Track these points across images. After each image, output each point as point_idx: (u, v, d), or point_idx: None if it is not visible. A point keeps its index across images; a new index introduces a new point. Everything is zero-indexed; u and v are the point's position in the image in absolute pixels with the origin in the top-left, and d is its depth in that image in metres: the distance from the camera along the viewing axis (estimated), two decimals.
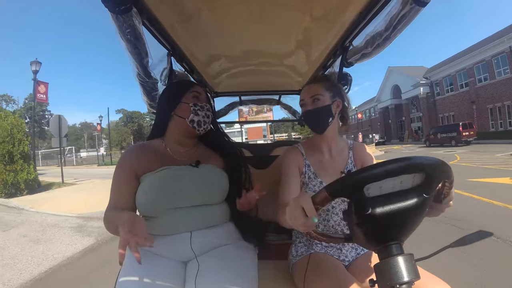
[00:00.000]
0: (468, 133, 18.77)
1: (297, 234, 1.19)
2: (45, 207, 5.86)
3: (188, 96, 1.08)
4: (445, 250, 0.61)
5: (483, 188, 5.40)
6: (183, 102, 1.07)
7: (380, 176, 0.56)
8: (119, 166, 1.03)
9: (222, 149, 1.16)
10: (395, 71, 33.80)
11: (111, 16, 0.84)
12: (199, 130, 1.07)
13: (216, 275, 0.85)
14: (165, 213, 0.96)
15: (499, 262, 2.39)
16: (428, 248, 0.70)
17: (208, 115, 1.08)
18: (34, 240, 3.85)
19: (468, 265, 2.39)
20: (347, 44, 1.34)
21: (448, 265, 2.25)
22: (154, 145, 1.09)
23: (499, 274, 2.23)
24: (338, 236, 0.70)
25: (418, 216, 0.61)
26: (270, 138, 43.26)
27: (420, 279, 0.56)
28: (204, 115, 1.07)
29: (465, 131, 18.71)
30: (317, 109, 1.09)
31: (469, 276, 2.21)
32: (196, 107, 1.06)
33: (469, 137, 18.75)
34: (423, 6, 0.87)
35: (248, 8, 1.09)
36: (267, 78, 2.00)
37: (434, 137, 21.32)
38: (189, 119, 1.05)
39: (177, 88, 1.13)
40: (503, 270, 2.26)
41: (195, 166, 1.04)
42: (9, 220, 5.01)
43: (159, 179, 0.98)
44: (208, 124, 1.09)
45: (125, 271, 0.86)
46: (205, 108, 1.08)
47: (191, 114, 1.05)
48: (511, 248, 2.69)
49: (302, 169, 1.14)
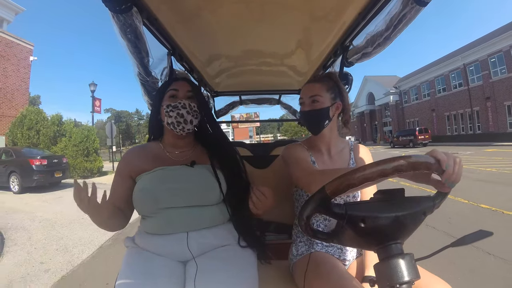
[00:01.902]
0: (424, 137, 22.02)
1: (297, 233, 1.15)
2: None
3: (166, 97, 1.03)
4: (445, 250, 0.60)
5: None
6: (162, 106, 1.03)
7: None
8: (118, 167, 1.04)
9: (219, 149, 1.10)
10: (370, 80, 37.14)
11: (111, 15, 0.84)
12: (177, 131, 1.01)
13: (216, 275, 0.84)
14: (160, 212, 0.94)
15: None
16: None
17: (181, 114, 0.99)
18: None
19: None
20: (348, 44, 1.32)
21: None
22: (152, 147, 1.08)
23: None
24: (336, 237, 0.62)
25: (419, 216, 0.59)
26: (256, 139, 45.46)
27: (420, 279, 0.54)
28: (176, 115, 0.99)
29: (421, 135, 22.02)
30: (314, 111, 1.06)
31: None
32: (168, 108, 1.00)
33: (424, 140, 21.99)
34: (424, 5, 0.86)
35: (248, 8, 1.08)
36: (267, 77, 1.98)
37: (397, 140, 24.43)
38: (165, 122, 1.02)
39: (159, 90, 1.08)
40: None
41: (190, 166, 1.01)
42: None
43: (153, 178, 0.96)
44: (183, 124, 1.00)
45: (125, 272, 0.86)
46: (179, 106, 0.99)
47: (165, 117, 1.01)
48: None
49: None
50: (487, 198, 4.69)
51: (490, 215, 3.89)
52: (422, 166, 0.56)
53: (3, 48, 12.99)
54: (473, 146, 18.38)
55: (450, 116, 25.13)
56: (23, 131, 11.78)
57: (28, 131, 11.80)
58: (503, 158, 10.33)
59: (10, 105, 13.25)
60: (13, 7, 14.63)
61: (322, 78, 1.12)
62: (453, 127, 25.04)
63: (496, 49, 19.84)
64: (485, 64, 20.85)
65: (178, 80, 1.07)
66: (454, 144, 21.24)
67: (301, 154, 1.08)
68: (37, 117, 12.05)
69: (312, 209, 0.57)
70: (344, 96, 1.12)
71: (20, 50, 13.94)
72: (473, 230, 0.65)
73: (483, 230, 0.65)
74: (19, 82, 13.88)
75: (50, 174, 8.43)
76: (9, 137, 12.02)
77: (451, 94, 24.65)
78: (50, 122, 12.46)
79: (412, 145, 22.34)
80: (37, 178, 8.00)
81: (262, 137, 58.99)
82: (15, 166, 8.23)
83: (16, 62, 13.63)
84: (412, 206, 0.58)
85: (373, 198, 0.60)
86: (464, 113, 23.48)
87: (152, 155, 1.04)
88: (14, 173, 8.19)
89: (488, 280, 2.20)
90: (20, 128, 11.88)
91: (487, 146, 16.87)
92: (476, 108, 22.05)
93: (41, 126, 12.07)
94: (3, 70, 12.91)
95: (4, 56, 12.99)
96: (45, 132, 12.04)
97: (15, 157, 8.51)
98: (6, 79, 13.07)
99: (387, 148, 24.23)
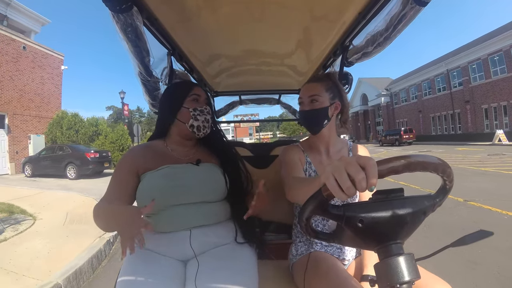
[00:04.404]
0: (408, 136, 24.23)
1: (297, 233, 1.16)
2: None
3: (188, 100, 1.07)
4: (445, 250, 0.60)
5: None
6: (184, 107, 1.06)
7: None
8: (121, 163, 1.03)
9: (221, 148, 1.14)
10: (363, 82, 38.95)
11: (111, 15, 0.84)
12: (199, 134, 1.06)
13: (216, 274, 0.85)
14: (165, 210, 0.95)
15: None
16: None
17: (207, 119, 1.06)
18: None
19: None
20: (347, 43, 1.33)
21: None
22: (156, 145, 1.10)
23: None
24: (336, 236, 0.63)
25: (419, 216, 0.59)
26: (256, 137, 47.30)
27: (420, 279, 0.54)
28: (203, 119, 1.05)
29: (406, 134, 24.23)
30: (313, 111, 1.07)
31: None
32: (196, 112, 1.04)
33: (409, 139, 24.23)
34: (424, 5, 0.87)
35: (248, 7, 1.08)
36: (267, 77, 1.99)
37: (385, 139, 26.60)
38: (189, 124, 1.05)
39: (177, 91, 1.11)
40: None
41: (195, 165, 1.04)
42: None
43: (159, 176, 0.98)
44: (207, 128, 1.07)
45: (126, 270, 0.86)
46: (205, 111, 1.06)
47: (191, 119, 1.04)
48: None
49: (303, 166, 1.12)
50: (418, 182, 6.48)
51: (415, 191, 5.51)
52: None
53: (40, 59, 15.05)
54: (450, 145, 20.17)
55: (435, 117, 27.13)
56: (63, 130, 14.10)
57: (68, 131, 14.14)
58: (463, 156, 12.03)
59: (47, 108, 15.35)
60: (40, 19, 16.55)
61: (321, 78, 1.13)
62: (437, 127, 27.02)
63: (476, 57, 21.44)
64: (465, 70, 22.62)
65: (197, 86, 1.12)
66: (434, 143, 23.51)
67: (294, 157, 1.10)
68: (74, 118, 14.48)
69: (310, 211, 0.57)
70: (343, 96, 1.13)
71: (53, 60, 16.03)
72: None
73: (483, 230, 0.65)
74: (53, 88, 16.02)
75: (101, 164, 10.83)
76: (48, 136, 14.24)
77: (436, 97, 26.65)
78: (87, 123, 14.85)
79: (398, 143, 24.59)
80: (91, 167, 10.41)
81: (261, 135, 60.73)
82: (72, 158, 10.53)
83: (50, 71, 15.74)
84: (411, 205, 0.57)
85: (372, 199, 0.59)
86: (447, 115, 25.40)
87: (156, 153, 1.06)
88: (71, 164, 10.50)
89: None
90: (59, 128, 14.17)
91: (462, 145, 18.53)
92: (457, 110, 24.03)
93: (79, 127, 14.45)
94: (41, 78, 14.99)
95: (41, 66, 15.06)
96: (84, 131, 14.40)
97: (71, 151, 10.80)
98: (43, 86, 15.16)
99: (375, 146, 26.21)
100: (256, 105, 2.77)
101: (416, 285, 0.56)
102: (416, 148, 19.38)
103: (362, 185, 0.48)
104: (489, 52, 20.33)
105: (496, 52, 19.86)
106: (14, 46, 13.55)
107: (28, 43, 14.37)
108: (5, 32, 13.08)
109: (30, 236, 3.59)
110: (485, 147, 16.40)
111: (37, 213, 4.80)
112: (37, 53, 14.91)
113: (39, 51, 15.01)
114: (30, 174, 11.46)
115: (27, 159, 11.95)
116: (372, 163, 0.49)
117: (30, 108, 14.26)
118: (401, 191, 0.60)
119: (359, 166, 0.48)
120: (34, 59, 14.67)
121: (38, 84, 14.87)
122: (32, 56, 14.57)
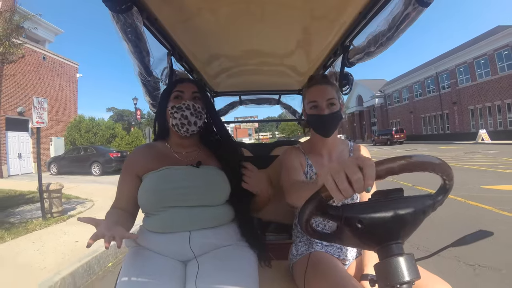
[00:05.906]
0: (399, 136, 25.52)
1: (297, 233, 1.17)
2: None
3: (171, 98, 1.04)
4: (445, 250, 0.60)
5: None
6: (167, 107, 1.04)
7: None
8: (124, 166, 1.05)
9: (224, 150, 1.10)
10: (359, 84, 39.45)
11: (111, 15, 0.83)
12: (182, 132, 1.02)
13: (217, 275, 0.85)
14: (164, 210, 0.95)
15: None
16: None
17: (184, 115, 1.00)
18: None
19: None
20: (348, 44, 1.32)
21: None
22: (159, 146, 1.10)
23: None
24: (336, 236, 0.63)
25: (419, 216, 0.59)
26: (255, 137, 48.22)
27: (420, 279, 0.54)
28: (180, 116, 1.00)
29: (397, 134, 25.55)
30: (333, 114, 1.06)
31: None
32: (173, 110, 1.01)
33: (400, 139, 25.53)
34: (426, 6, 0.86)
35: (248, 7, 1.07)
36: (267, 77, 1.98)
37: (378, 138, 28.00)
38: (170, 124, 1.03)
39: (164, 92, 1.10)
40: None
41: (195, 167, 1.02)
42: None
43: (159, 177, 0.98)
44: (192, 125, 1.02)
45: (126, 271, 0.86)
46: (183, 107, 1.01)
47: (170, 118, 1.02)
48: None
49: (304, 169, 1.11)
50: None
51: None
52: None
53: (58, 68, 16.41)
54: (437, 144, 21.31)
55: (425, 118, 28.40)
56: (82, 133, 15.62)
57: (86, 134, 15.68)
58: (440, 154, 12.75)
59: (65, 113, 16.75)
60: (54, 29, 17.79)
61: (331, 81, 1.14)
62: (427, 127, 28.31)
63: (462, 61, 22.63)
64: (453, 73, 23.82)
65: (183, 82, 1.09)
66: (424, 142, 24.76)
67: (294, 161, 1.10)
68: (92, 122, 16.15)
69: (309, 212, 0.57)
70: (341, 95, 1.14)
71: (70, 69, 17.42)
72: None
73: (483, 230, 0.65)
74: (70, 94, 17.41)
75: (121, 162, 12.19)
76: (67, 138, 15.71)
77: (426, 98, 27.82)
78: (104, 126, 16.47)
79: (389, 143, 25.90)
80: (114, 165, 11.98)
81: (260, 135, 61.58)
82: (97, 157, 12.15)
83: (67, 79, 17.11)
84: (410, 205, 0.57)
85: (371, 199, 0.59)
86: (436, 115, 26.58)
87: (158, 154, 1.05)
88: (96, 162, 12.13)
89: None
90: (77, 130, 15.67)
91: (448, 144, 19.61)
92: (446, 111, 25.24)
93: (97, 130, 16.04)
94: (59, 85, 16.37)
95: (59, 74, 16.44)
96: (102, 134, 16.02)
97: (96, 152, 12.38)
98: (61, 92, 16.54)
99: (368, 145, 26.90)
100: (256, 105, 2.76)
101: (416, 285, 0.56)
102: (405, 147, 20.68)
103: (359, 186, 0.49)
104: (475, 56, 21.46)
105: (481, 56, 21.07)
106: (35, 56, 14.88)
107: (46, 53, 15.74)
108: (28, 44, 14.36)
109: (98, 211, 5.01)
110: (468, 145, 17.48)
111: (89, 198, 6.18)
112: (55, 63, 16.28)
113: (57, 60, 16.37)
114: (56, 172, 12.93)
115: (52, 159, 13.47)
116: (370, 163, 0.50)
117: (50, 113, 15.47)
118: (401, 191, 0.61)
119: (357, 167, 0.49)
120: (52, 68, 16.04)
121: (57, 91, 16.24)
122: (51, 65, 15.94)
